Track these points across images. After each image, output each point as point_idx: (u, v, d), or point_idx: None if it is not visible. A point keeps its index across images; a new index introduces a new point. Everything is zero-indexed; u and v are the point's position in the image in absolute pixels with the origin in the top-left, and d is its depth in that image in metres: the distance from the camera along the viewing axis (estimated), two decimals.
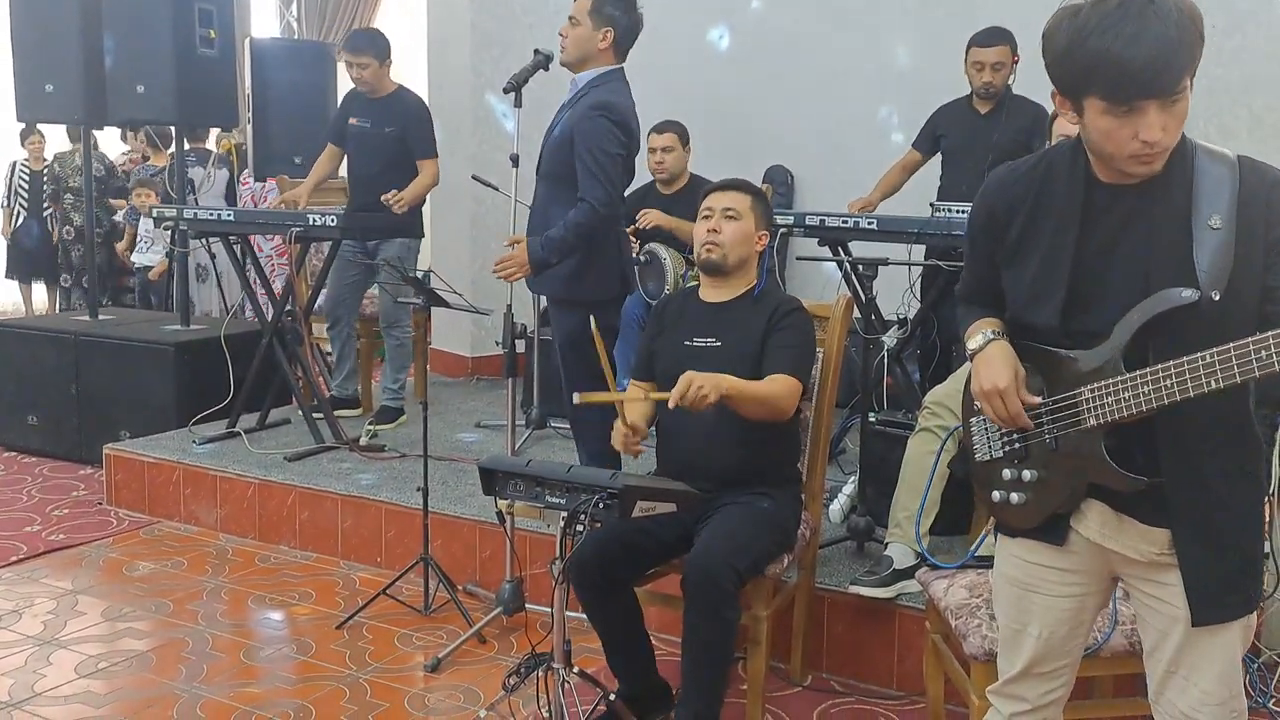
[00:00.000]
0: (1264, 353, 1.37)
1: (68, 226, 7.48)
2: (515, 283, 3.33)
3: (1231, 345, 1.40)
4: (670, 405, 2.34)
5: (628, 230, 3.71)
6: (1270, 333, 1.37)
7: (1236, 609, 1.60)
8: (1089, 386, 1.57)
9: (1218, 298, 1.47)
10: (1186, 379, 1.45)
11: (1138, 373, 1.51)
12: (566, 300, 3.28)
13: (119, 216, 7.32)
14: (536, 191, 3.39)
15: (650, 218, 4.30)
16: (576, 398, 2.39)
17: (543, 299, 4.74)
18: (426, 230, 4.87)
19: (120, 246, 7.13)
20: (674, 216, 4.31)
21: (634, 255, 4.12)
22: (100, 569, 3.69)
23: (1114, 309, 1.55)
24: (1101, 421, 1.56)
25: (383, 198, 4.31)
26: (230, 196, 6.71)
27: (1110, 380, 1.55)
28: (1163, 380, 1.48)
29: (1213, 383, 1.43)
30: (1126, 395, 1.52)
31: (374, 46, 4.46)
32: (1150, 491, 1.57)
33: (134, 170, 7.34)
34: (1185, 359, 1.45)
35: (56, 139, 8.05)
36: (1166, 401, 1.48)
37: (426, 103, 4.84)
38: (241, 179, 6.57)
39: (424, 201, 4.71)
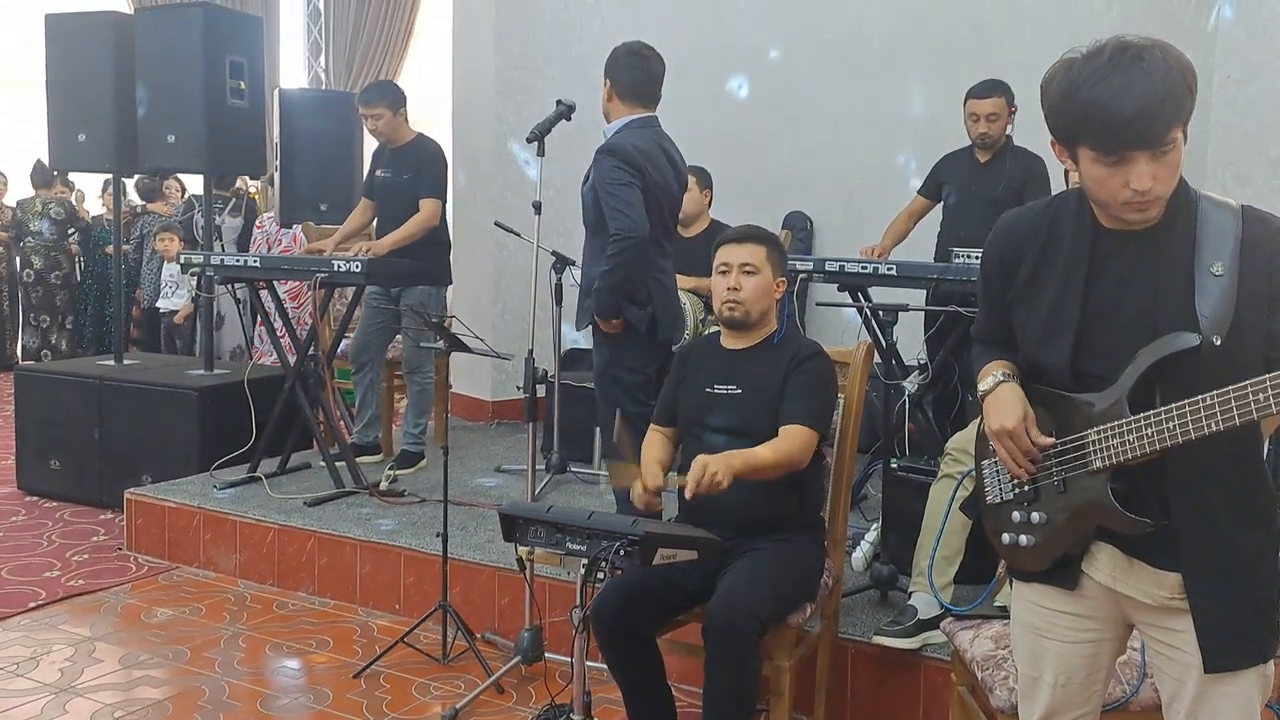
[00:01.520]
0: (1262, 396, 1.40)
1: (28, 270, 7.71)
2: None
3: (1231, 388, 1.42)
4: (688, 496, 2.34)
5: None
6: (1268, 376, 1.39)
7: (1251, 656, 1.58)
8: (1095, 429, 1.59)
9: (1219, 343, 1.49)
10: (1188, 421, 1.47)
11: (1141, 415, 1.53)
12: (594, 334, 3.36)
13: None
14: (585, 241, 3.49)
15: None
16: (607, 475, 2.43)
17: (564, 344, 4.78)
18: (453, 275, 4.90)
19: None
20: (695, 260, 4.32)
21: None
22: (119, 615, 3.69)
23: (1122, 353, 1.57)
24: (1107, 464, 1.58)
25: (356, 249, 4.38)
26: (243, 242, 6.81)
27: (1115, 422, 1.57)
28: (1165, 423, 1.50)
29: (1213, 425, 1.45)
30: (1131, 438, 1.54)
31: (385, 97, 4.52)
32: (1161, 534, 1.58)
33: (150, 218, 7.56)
34: (1187, 402, 1.47)
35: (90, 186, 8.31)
36: (1169, 443, 1.50)
37: (448, 149, 4.90)
38: (258, 223, 6.67)
39: (448, 248, 4.74)
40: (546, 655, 3.12)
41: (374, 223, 4.79)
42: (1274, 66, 3.82)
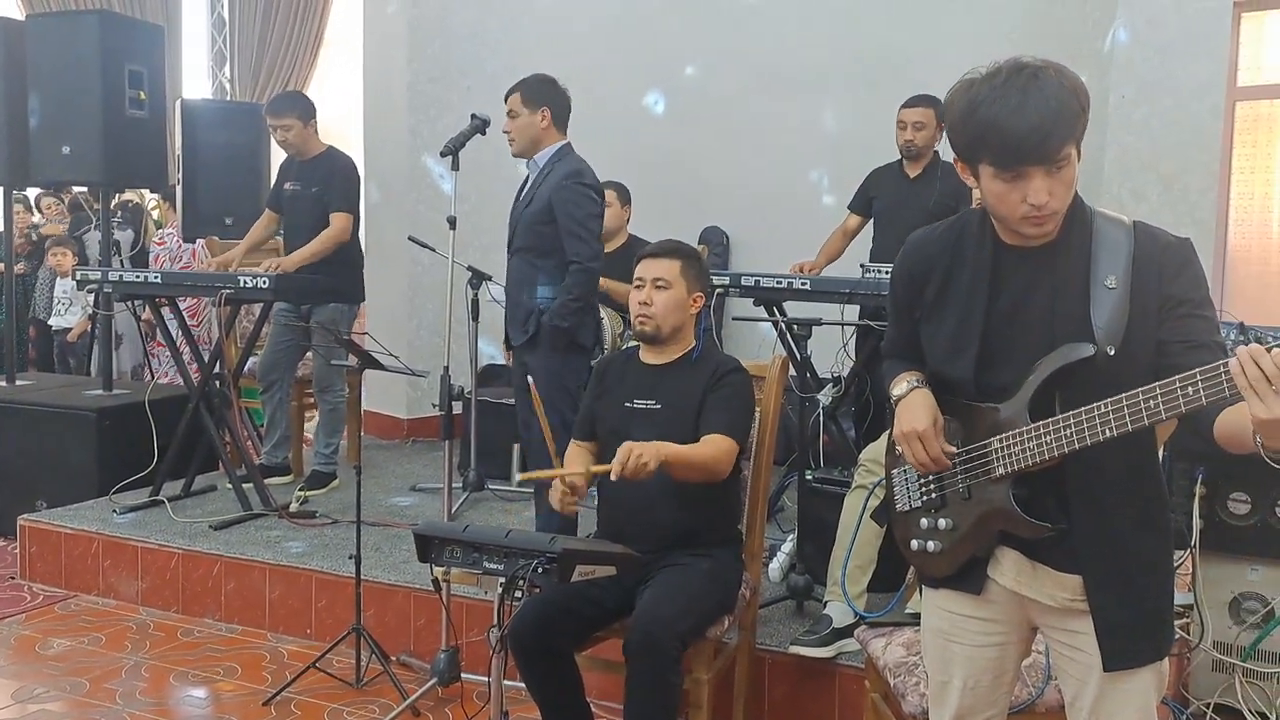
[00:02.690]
0: (1152, 403, 1.45)
1: None
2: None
3: (1124, 396, 1.48)
4: (613, 477, 2.32)
5: None
6: (1158, 384, 1.45)
7: (1147, 655, 1.65)
8: (998, 437, 1.64)
9: (1113, 352, 1.55)
10: (1084, 428, 1.53)
11: (1041, 423, 1.59)
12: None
13: None
14: (511, 266, 3.55)
15: None
16: (518, 477, 2.45)
17: (482, 359, 4.74)
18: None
19: None
20: (612, 275, 4.32)
21: None
22: (11, 648, 3.51)
23: (1022, 364, 1.63)
24: (1009, 470, 1.63)
25: (265, 265, 4.28)
26: (138, 256, 6.59)
27: (1017, 430, 1.62)
28: (1063, 430, 1.55)
29: (1107, 431, 1.50)
30: (1031, 444, 1.59)
31: (295, 108, 4.43)
32: (1062, 539, 1.64)
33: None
34: (1083, 409, 1.53)
35: None
36: (1067, 449, 1.55)
37: (359, 162, 4.82)
38: (158, 239, 6.47)
39: (360, 265, 4.66)
40: (463, 676, 3.08)
41: (279, 235, 4.68)
42: (1166, 87, 4.00)
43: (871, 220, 4.46)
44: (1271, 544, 2.77)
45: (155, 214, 7.85)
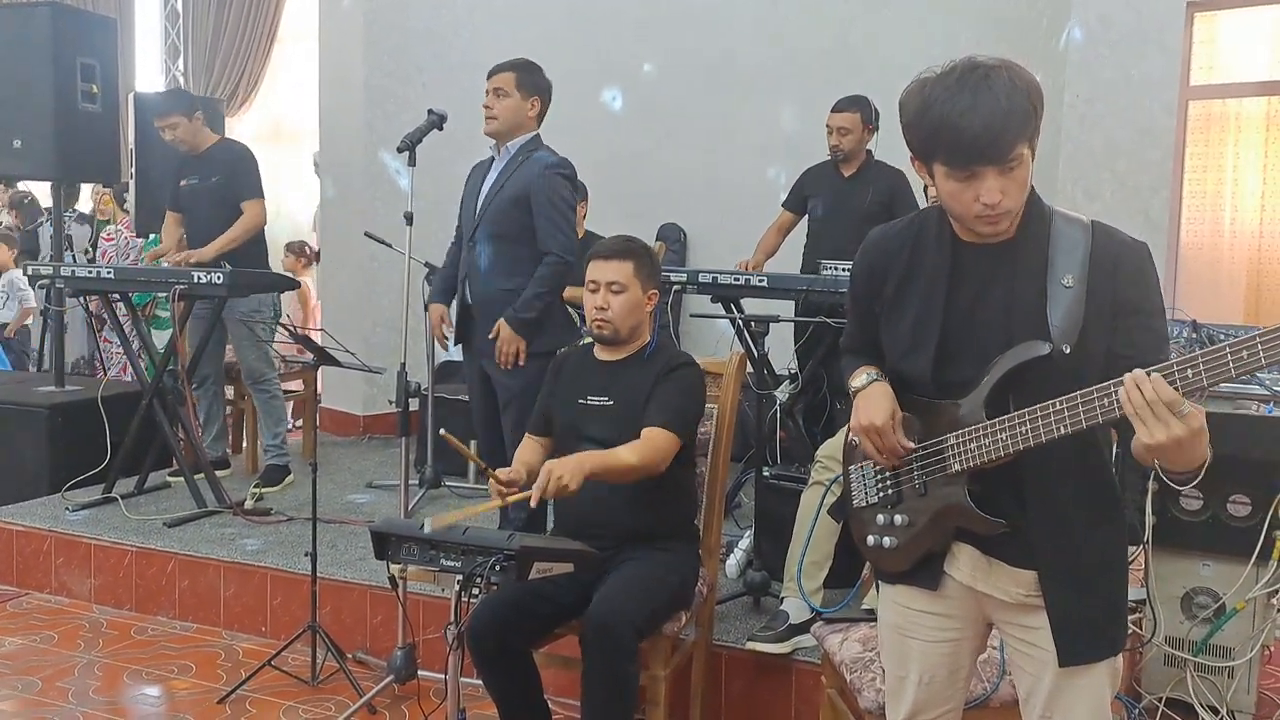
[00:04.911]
0: (1105, 400, 1.47)
1: None
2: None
3: (1079, 394, 1.50)
4: (533, 503, 2.29)
5: None
6: (1112, 381, 1.47)
7: (1102, 650, 1.67)
8: (954, 434, 1.66)
9: (1068, 350, 1.57)
10: (1039, 425, 1.54)
11: (997, 420, 1.60)
12: (529, 353, 3.32)
13: None
14: (480, 253, 3.41)
15: None
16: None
17: (439, 356, 4.71)
18: (321, 286, 4.77)
19: None
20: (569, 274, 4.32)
21: None
22: None
23: (980, 361, 1.64)
24: (965, 466, 1.64)
25: (179, 257, 4.23)
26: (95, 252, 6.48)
27: (973, 427, 1.63)
28: (1018, 427, 1.57)
29: (1061, 429, 1.52)
30: (987, 441, 1.61)
31: (177, 105, 4.40)
32: (1017, 534, 1.65)
33: None
34: (1038, 407, 1.54)
35: None
36: (1022, 446, 1.57)
37: (315, 157, 4.79)
38: (105, 235, 6.38)
39: (265, 248, 4.60)
40: (420, 673, 3.07)
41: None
42: (1120, 85, 4.06)
43: (806, 217, 4.51)
44: (1223, 540, 2.79)
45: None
